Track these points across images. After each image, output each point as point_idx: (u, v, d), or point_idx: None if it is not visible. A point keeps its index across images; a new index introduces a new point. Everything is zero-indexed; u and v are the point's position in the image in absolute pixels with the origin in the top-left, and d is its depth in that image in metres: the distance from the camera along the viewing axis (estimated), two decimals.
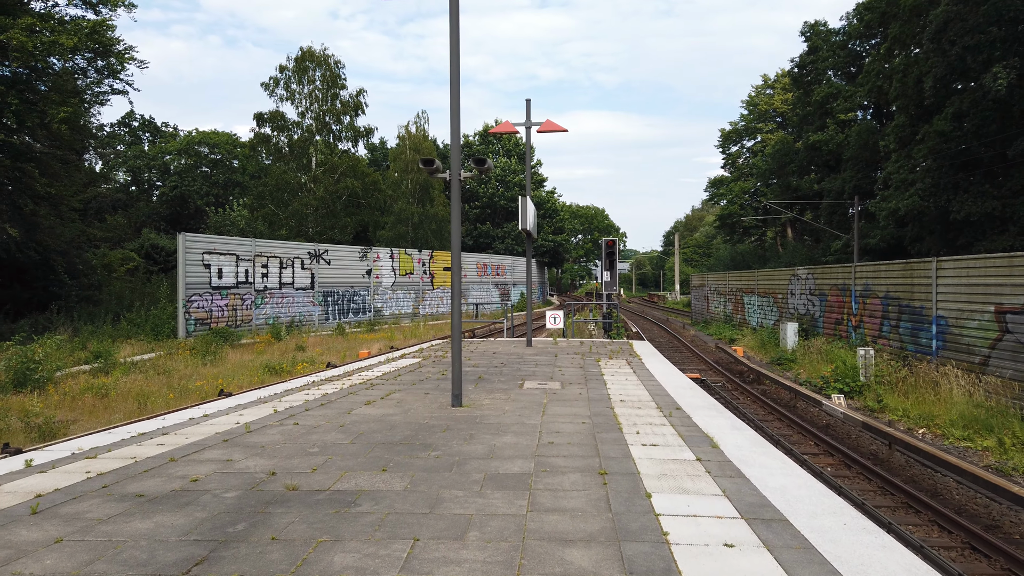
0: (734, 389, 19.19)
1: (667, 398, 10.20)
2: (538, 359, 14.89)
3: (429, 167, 9.18)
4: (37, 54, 25.31)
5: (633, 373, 12.85)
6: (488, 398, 10.03)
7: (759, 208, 55.09)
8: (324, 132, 39.89)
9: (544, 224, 61.96)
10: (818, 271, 24.51)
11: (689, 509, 5.25)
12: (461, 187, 9.28)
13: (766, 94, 55.90)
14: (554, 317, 19.05)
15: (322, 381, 12.20)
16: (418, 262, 40.37)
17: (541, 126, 16.71)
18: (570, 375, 12.45)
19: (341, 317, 35.51)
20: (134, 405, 15.07)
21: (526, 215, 15.24)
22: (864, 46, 44.00)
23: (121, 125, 54.03)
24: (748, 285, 31.65)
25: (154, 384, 17.90)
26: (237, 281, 30.03)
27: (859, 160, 40.67)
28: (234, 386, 17.68)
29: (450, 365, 13.17)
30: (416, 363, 14.32)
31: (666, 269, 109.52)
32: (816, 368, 20.68)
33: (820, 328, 24.27)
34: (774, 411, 15.71)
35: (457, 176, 9.14)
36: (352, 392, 10.55)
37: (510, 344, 18.17)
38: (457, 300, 9.31)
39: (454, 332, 9.32)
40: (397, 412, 8.91)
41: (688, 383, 11.80)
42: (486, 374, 12.57)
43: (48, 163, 28.63)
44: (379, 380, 11.94)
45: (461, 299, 9.33)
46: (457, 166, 9.16)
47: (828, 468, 11.43)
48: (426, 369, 13.35)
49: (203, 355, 22.75)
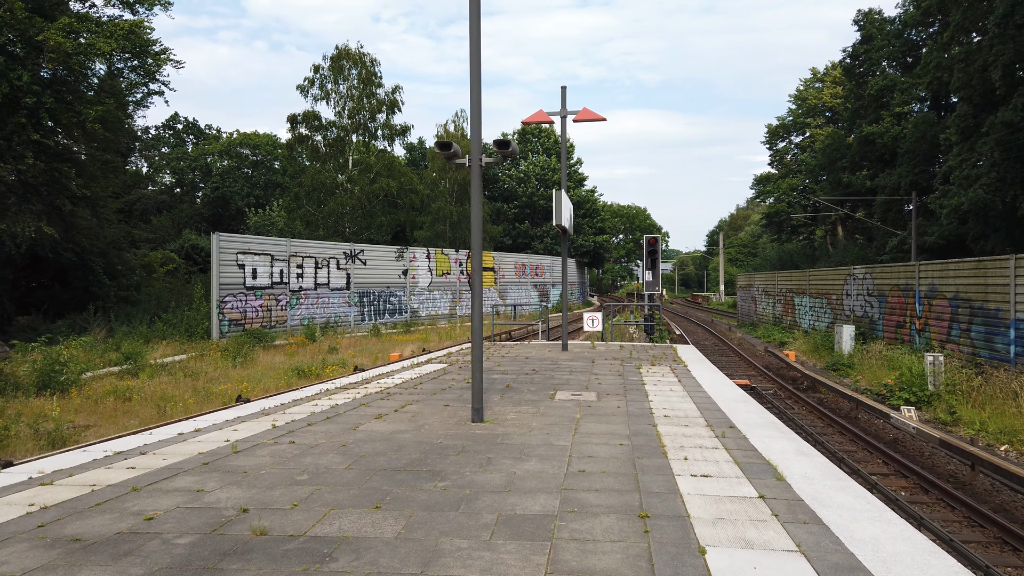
0: (787, 397, 17.69)
1: (718, 413, 8.90)
2: (573, 365, 13.67)
3: (446, 151, 8.07)
4: (74, 56, 25.05)
5: (678, 382, 11.55)
6: (514, 411, 8.88)
7: (807, 205, 52.77)
8: (360, 131, 39.24)
9: (584, 224, 60.52)
10: (877, 270, 22.74)
11: (756, 575, 4.01)
12: (483, 176, 8.14)
13: (815, 88, 53.55)
14: (592, 319, 17.80)
15: (338, 389, 11.21)
16: (455, 262, 39.44)
17: (577, 115, 15.48)
18: (608, 384, 11.22)
19: (377, 318, 34.77)
20: (153, 410, 14.38)
21: (561, 211, 14.05)
22: (921, 35, 41.60)
23: (166, 128, 54.46)
24: (799, 285, 29.87)
25: (179, 387, 17.24)
26: (272, 281, 29.46)
27: (916, 154, 38.35)
28: (259, 390, 16.99)
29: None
30: (442, 368, 13.25)
31: (710, 269, 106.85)
32: (876, 375, 19.02)
33: (879, 331, 22.51)
34: (834, 423, 14.22)
35: (478, 161, 8.02)
36: (365, 403, 9.50)
37: (545, 348, 16.97)
38: (478, 302, 8.18)
39: (475, 339, 8.19)
40: (409, 429, 7.82)
41: (741, 395, 10.46)
42: (515, 382, 11.41)
43: (84, 164, 28.46)
44: (398, 388, 10.88)
45: (483, 301, 8.20)
46: (478, 150, 8.03)
47: (902, 492, 9.98)
48: (451, 376, 12.25)
49: (234, 357, 22.15)
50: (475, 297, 8.17)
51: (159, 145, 53.05)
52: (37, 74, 25.83)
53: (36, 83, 24.59)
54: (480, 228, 8.16)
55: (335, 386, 11.56)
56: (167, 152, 51.58)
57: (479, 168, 8.05)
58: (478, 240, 8.16)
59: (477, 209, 8.11)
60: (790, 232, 55.51)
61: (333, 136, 39.12)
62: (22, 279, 31.45)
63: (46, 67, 25.80)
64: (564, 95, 15.59)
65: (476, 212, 8.11)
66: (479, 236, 8.17)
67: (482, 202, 8.07)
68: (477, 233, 8.15)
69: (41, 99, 24.21)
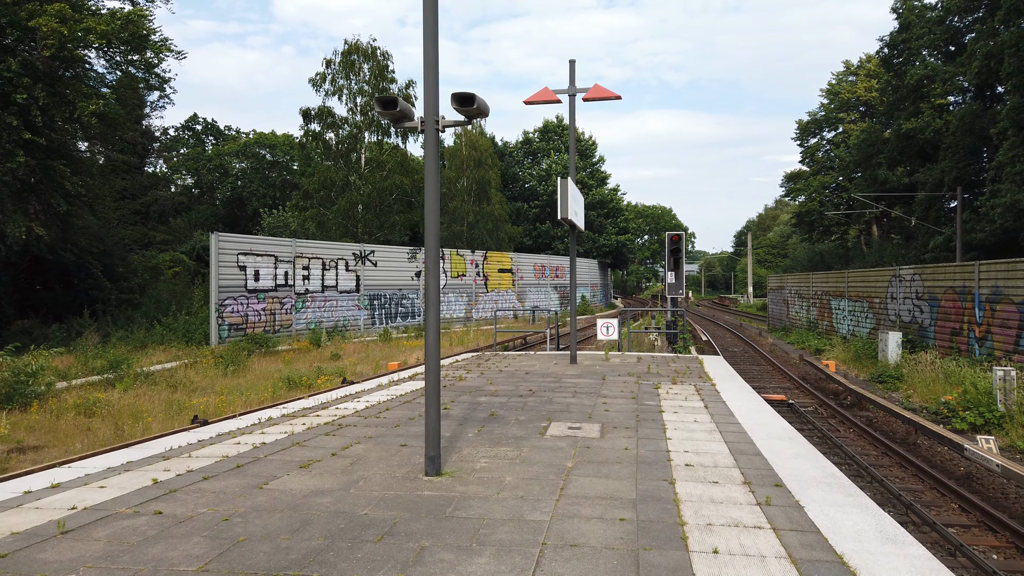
0: (830, 416, 15.21)
1: (757, 459, 6.60)
2: (579, 383, 11.40)
3: (391, 111, 5.89)
4: (69, 41, 23.43)
5: (704, 408, 9.23)
6: (487, 455, 6.67)
7: (840, 204, 49.68)
8: (372, 127, 37.27)
9: (607, 224, 57.88)
10: (928, 271, 20.08)
11: None
12: (439, 140, 5.95)
13: (848, 81, 50.38)
14: (606, 327, 15.48)
15: (293, 414, 9.10)
16: (471, 263, 37.29)
17: (588, 92, 13.21)
18: (617, 411, 8.94)
19: (388, 321, 32.77)
20: (111, 430, 12.51)
21: (567, 201, 11.79)
22: (965, 20, 38.42)
23: (184, 129, 53.17)
24: (836, 287, 27.16)
25: (154, 400, 15.38)
26: (276, 284, 27.59)
27: (961, 148, 35.29)
28: (240, 404, 15.11)
29: (467, 391, 9.79)
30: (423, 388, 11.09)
31: (737, 271, 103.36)
32: (931, 390, 16.43)
33: (930, 339, 19.86)
34: (890, 451, 11.77)
35: (432, 123, 5.83)
36: (301, 441, 7.34)
37: (551, 360, 14.67)
38: (434, 310, 5.99)
39: (428, 362, 5.99)
40: (334, 488, 5.65)
41: (783, 428, 8.10)
42: (503, 408, 9.18)
43: (82, 161, 26.86)
44: (356, 417, 8.71)
45: (439, 306, 6.00)
46: (433, 107, 5.85)
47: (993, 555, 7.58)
48: None
49: (226, 365, 20.33)
50: (429, 306, 5.98)
51: (178, 146, 51.78)
52: (30, 65, 24.26)
53: (27, 75, 22.99)
54: (435, 215, 5.97)
55: (292, 410, 9.45)
56: (185, 153, 50.21)
57: (434, 132, 5.86)
58: (432, 229, 5.98)
59: (431, 186, 5.93)
60: (822, 232, 52.38)
61: (345, 133, 37.23)
62: (24, 281, 30.01)
63: (39, 54, 24.19)
64: (572, 71, 13.33)
65: (430, 190, 5.92)
66: (434, 225, 5.98)
67: (438, 179, 5.89)
68: (432, 222, 5.97)
69: (32, 93, 22.58)
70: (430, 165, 5.97)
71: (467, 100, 5.75)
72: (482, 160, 44.50)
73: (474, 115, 5.88)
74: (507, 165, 56.84)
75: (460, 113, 5.89)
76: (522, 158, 58.56)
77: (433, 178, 5.94)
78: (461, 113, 5.88)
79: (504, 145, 59.14)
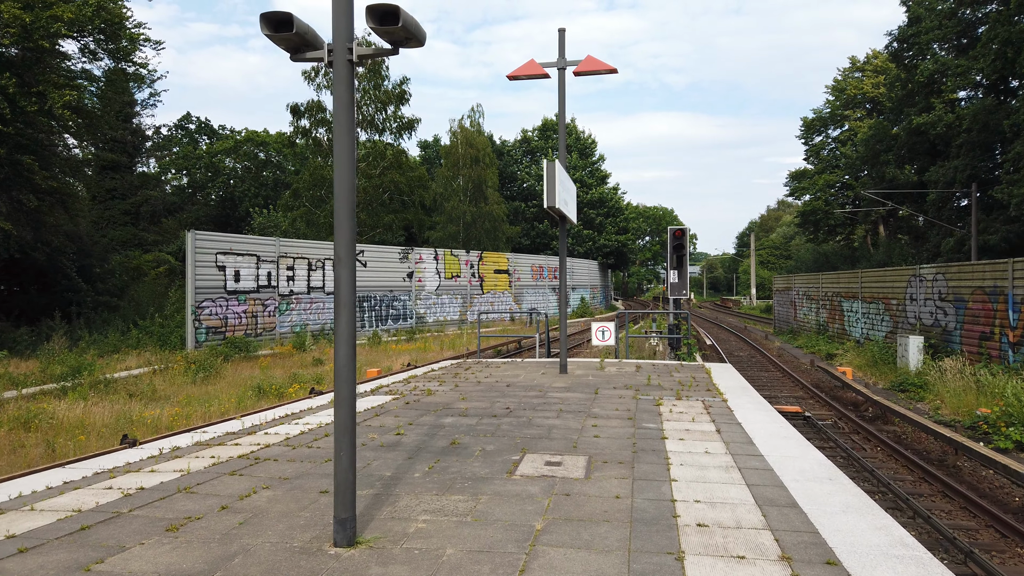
0: (852, 431, 13.39)
1: (793, 514, 4.81)
2: (567, 399, 9.60)
3: (285, 33, 4.12)
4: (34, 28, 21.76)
5: (716, 432, 7.44)
6: (432, 508, 4.90)
7: (846, 202, 47.76)
8: (366, 124, 35.51)
9: (607, 223, 55.97)
10: (953, 270, 18.24)
11: None
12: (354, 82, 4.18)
13: (854, 77, 48.47)
14: (602, 331, 13.68)
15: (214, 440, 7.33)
16: (466, 264, 35.50)
17: (579, 65, 11.43)
18: (609, 438, 7.16)
19: (379, 324, 31.01)
20: (44, 450, 10.90)
21: (553, 187, 9.99)
22: (977, 13, 36.55)
23: (178, 128, 51.50)
24: (849, 288, 25.31)
25: (107, 412, 13.70)
26: (258, 285, 25.85)
27: (975, 144, 33.39)
28: (197, 417, 13.50)
29: (432, 410, 7.97)
30: (380, 405, 9.27)
31: (740, 272, 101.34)
32: (962, 400, 14.60)
33: (955, 344, 18.02)
34: (928, 476, 9.97)
35: (343, 52, 4.07)
36: (187, 487, 5.53)
37: (538, 369, 12.84)
38: (347, 314, 4.21)
39: (339, 386, 4.21)
40: (195, 570, 3.89)
41: (820, 464, 6.29)
42: (469, 433, 7.40)
43: (50, 155, 25.16)
44: (280, 447, 6.92)
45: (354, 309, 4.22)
46: (345, 31, 4.09)
47: None
48: (383, 421, 8.25)
49: (196, 372, 18.68)
50: (340, 308, 4.21)
51: (171, 146, 50.08)
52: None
53: None
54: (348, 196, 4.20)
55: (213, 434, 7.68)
56: (176, 151, 48.49)
57: (346, 65, 4.10)
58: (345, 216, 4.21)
59: (343, 156, 4.17)
60: (827, 232, 50.44)
61: None
62: None
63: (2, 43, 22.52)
64: (562, 41, 11.55)
65: (341, 163, 4.16)
66: (351, 192, 4.21)
67: (354, 143, 4.10)
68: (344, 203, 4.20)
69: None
70: (341, 113, 4.20)
71: (389, 16, 3.97)
72: (479, 158, 42.72)
73: (401, 39, 4.11)
74: (505, 164, 55.06)
75: (382, 36, 4.11)
76: (520, 157, 56.75)
77: (346, 131, 4.17)
78: (383, 36, 4.09)
79: (502, 144, 57.32)
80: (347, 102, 4.20)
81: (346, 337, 4.21)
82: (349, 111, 4.21)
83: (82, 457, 7.53)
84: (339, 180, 4.22)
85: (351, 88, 4.21)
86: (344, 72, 4.18)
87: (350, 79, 4.20)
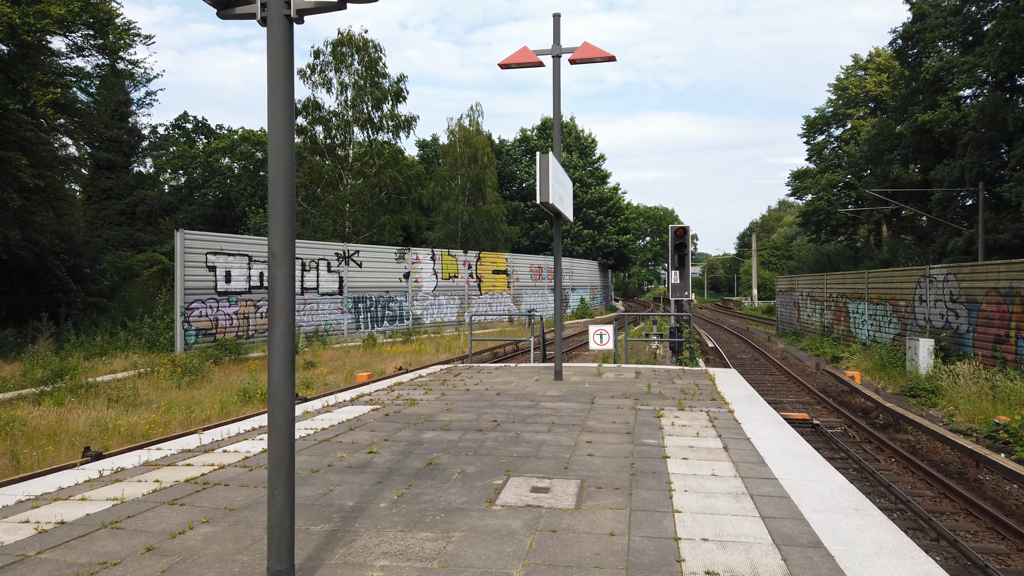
0: (863, 440, 12.61)
1: (818, 556, 4.05)
2: (560, 409, 8.84)
3: None
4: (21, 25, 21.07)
5: (723, 450, 6.68)
6: (393, 550, 4.15)
7: (849, 202, 46.91)
8: (362, 122, 34.73)
9: (607, 223, 55.15)
10: (965, 271, 17.46)
11: None
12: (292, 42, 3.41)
13: (857, 76, 47.64)
14: (599, 334, 12.91)
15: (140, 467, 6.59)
16: (463, 264, 34.75)
17: (575, 52, 10.67)
18: (605, 456, 6.40)
19: (375, 325, 30.27)
20: (6, 461, 10.26)
21: (547, 181, 9.23)
22: (983, 10, 35.74)
23: (175, 127, 50.76)
24: (855, 289, 24.52)
25: (80, 419, 13.03)
26: (249, 286, 25.11)
27: (981, 142, 32.57)
28: (176, 424, 12.91)
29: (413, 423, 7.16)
30: (357, 418, 8.49)
31: (740, 273, 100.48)
32: (978, 407, 13.83)
33: (967, 347, 17.25)
34: (949, 491, 9.20)
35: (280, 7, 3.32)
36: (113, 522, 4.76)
37: (532, 375, 12.05)
38: (283, 321, 3.47)
39: (273, 410, 3.47)
40: None
41: (843, 489, 5.52)
42: (450, 451, 6.64)
43: (38, 153, 24.41)
44: (235, 469, 6.14)
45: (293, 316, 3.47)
46: None
47: None
48: (357, 435, 7.48)
49: (182, 375, 18.01)
50: (275, 315, 3.47)
51: (167, 145, 49.36)
52: None
53: None
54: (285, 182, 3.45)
55: (165, 452, 6.93)
56: (173, 151, 47.75)
57: (282, 23, 3.35)
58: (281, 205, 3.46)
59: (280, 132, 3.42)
60: (829, 232, 49.60)
61: (334, 125, 34.74)
62: None
63: None
64: (557, 27, 10.79)
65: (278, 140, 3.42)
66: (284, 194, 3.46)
67: (292, 116, 3.33)
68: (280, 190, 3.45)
69: None
70: (277, 79, 3.45)
71: None
72: (477, 157, 41.94)
73: None
74: (504, 163, 54.29)
75: None
76: (520, 156, 55.96)
77: (282, 101, 3.43)
78: None
79: (501, 143, 56.53)
80: (284, 66, 3.46)
81: (282, 351, 3.45)
82: (287, 77, 3.46)
83: (22, 477, 6.81)
84: (275, 161, 3.47)
85: (289, 49, 3.46)
86: (280, 29, 3.44)
87: (288, 38, 3.45)
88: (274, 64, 3.48)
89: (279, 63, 3.48)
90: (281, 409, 3.47)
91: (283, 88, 3.46)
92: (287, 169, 3.48)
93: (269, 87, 3.48)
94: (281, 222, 3.48)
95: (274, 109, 3.46)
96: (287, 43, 3.47)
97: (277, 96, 3.47)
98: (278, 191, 3.47)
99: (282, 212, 3.47)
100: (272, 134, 3.47)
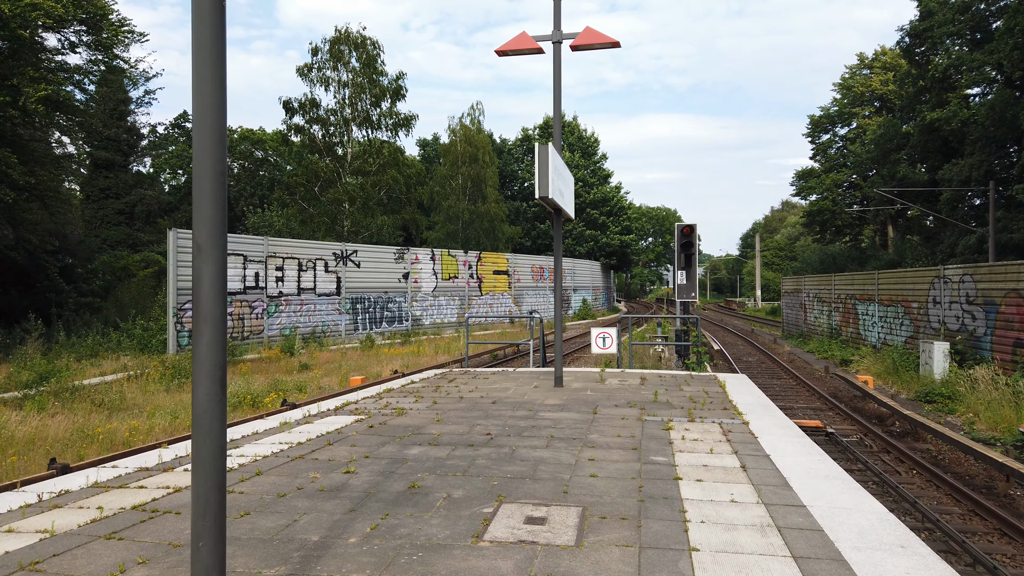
0: (881, 450, 11.86)
1: None
2: (560, 420, 8.12)
3: None
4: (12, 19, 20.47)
5: (741, 469, 5.95)
6: None
7: (854, 202, 46.13)
8: (360, 120, 34.05)
9: (610, 223, 54.41)
10: (983, 271, 16.71)
11: None
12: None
13: (862, 74, 46.86)
14: (602, 338, 12.17)
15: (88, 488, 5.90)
16: (464, 264, 34.04)
17: (577, 38, 9.96)
18: (609, 478, 5.68)
19: (373, 327, 29.58)
20: None
21: (546, 175, 8.52)
22: (992, 7, 34.96)
23: (174, 127, 50.14)
24: (864, 290, 23.76)
25: (62, 424, 12.43)
26: (245, 286, 24.47)
27: (991, 140, 31.81)
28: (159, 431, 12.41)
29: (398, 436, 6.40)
30: (337, 431, 7.78)
31: (744, 273, 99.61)
32: (1000, 415, 13.09)
33: (985, 350, 16.49)
34: (979, 508, 8.47)
35: None
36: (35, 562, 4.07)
37: (531, 381, 11.31)
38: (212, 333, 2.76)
39: (198, 443, 2.75)
40: None
41: (883, 519, 4.79)
42: (436, 470, 5.92)
43: (30, 148, 23.75)
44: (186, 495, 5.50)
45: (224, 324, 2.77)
46: None
47: None
48: (335, 452, 6.73)
49: (171, 378, 17.39)
50: (200, 323, 2.76)
51: (167, 145, 48.75)
52: None
53: None
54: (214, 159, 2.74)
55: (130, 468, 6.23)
56: (172, 150, 47.12)
57: None
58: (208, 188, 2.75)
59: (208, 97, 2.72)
60: (834, 232, 48.80)
61: (331, 122, 34.06)
62: None
63: None
64: (557, 10, 10.08)
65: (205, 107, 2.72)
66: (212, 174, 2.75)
67: (224, 77, 2.59)
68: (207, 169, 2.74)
69: None
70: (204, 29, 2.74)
71: None
72: (478, 156, 41.24)
73: None
74: (505, 163, 53.56)
75: None
76: (521, 155, 55.25)
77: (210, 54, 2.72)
78: None
79: (503, 143, 55.82)
80: (214, 13, 2.74)
81: (208, 367, 2.75)
82: (217, 27, 2.74)
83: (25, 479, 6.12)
84: (200, 135, 2.76)
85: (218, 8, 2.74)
86: None
87: None
88: (198, 23, 2.76)
89: (207, 17, 2.76)
90: (207, 441, 2.75)
91: (210, 35, 2.75)
92: (218, 145, 2.77)
93: (194, 35, 2.76)
94: (208, 205, 2.78)
95: (201, 68, 2.75)
96: (216, 5, 2.76)
97: (204, 47, 2.75)
98: (204, 171, 2.76)
99: (209, 193, 2.77)
100: (197, 74, 2.75)
